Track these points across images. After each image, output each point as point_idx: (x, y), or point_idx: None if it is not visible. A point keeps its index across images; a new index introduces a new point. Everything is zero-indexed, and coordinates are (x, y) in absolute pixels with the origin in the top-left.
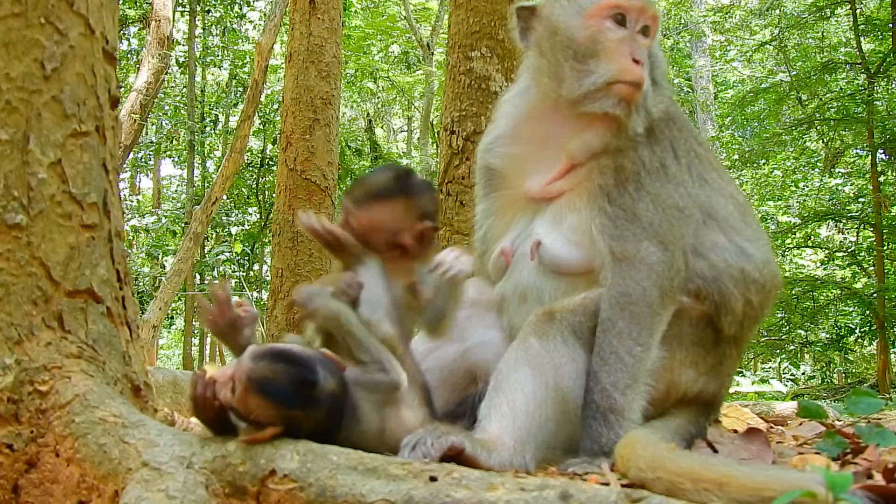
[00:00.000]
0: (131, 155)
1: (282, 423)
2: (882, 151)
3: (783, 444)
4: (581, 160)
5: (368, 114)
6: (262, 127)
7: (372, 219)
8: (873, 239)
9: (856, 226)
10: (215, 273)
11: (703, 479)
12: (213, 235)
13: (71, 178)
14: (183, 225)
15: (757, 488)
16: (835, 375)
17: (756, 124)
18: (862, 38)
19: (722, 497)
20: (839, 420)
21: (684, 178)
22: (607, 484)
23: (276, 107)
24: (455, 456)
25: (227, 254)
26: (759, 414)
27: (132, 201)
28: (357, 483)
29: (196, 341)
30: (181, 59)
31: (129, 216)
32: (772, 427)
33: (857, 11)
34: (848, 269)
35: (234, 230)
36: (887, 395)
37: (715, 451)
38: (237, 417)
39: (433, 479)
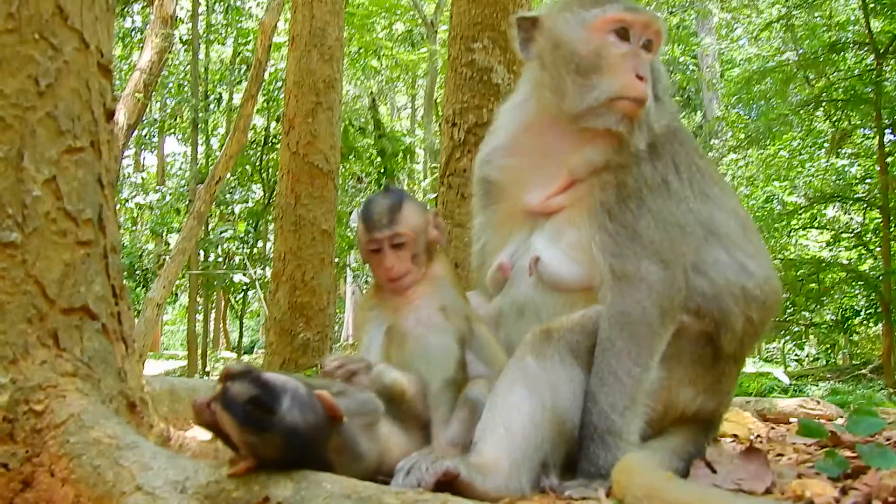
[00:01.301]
0: (135, 132)
1: (245, 447)
2: (889, 132)
3: (783, 456)
4: (582, 176)
5: (372, 91)
6: (265, 105)
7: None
8: (880, 220)
9: (862, 207)
10: (219, 251)
11: None
12: (217, 213)
13: (66, 195)
14: (187, 202)
15: None
16: (840, 357)
17: (762, 104)
18: (871, 17)
19: None
20: (841, 417)
21: (686, 194)
22: None
23: (279, 85)
24: (450, 481)
25: (231, 232)
26: (761, 411)
27: (136, 178)
28: None
29: (200, 318)
30: (185, 37)
31: (134, 193)
32: (773, 428)
33: None
34: (854, 250)
35: (237, 208)
36: (893, 380)
37: (713, 470)
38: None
39: None
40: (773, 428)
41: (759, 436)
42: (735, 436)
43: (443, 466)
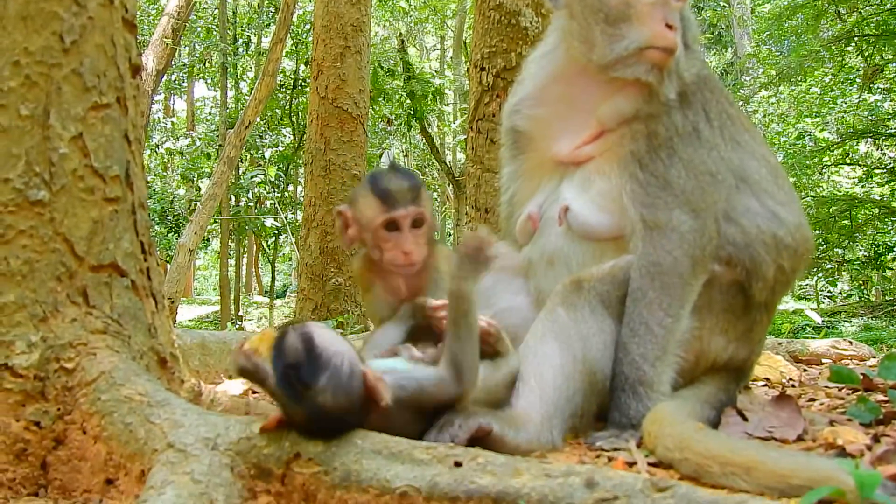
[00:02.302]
0: (164, 78)
1: (276, 403)
2: None
3: (815, 401)
4: (611, 126)
5: (401, 33)
6: (294, 48)
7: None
8: None
9: (895, 142)
10: (250, 195)
11: (730, 462)
12: (248, 158)
13: (93, 152)
14: (217, 147)
15: (784, 475)
16: (872, 293)
17: (794, 39)
18: None
19: (749, 482)
20: (874, 357)
21: (717, 142)
22: (634, 463)
23: (308, 27)
24: (483, 437)
25: (262, 176)
26: (793, 353)
27: (166, 124)
28: (382, 468)
29: (232, 263)
30: None
31: (164, 139)
32: (805, 370)
33: None
34: (886, 186)
35: (267, 153)
36: None
37: (745, 419)
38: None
39: (458, 464)
40: (805, 370)
41: (791, 379)
42: (767, 380)
43: (476, 423)
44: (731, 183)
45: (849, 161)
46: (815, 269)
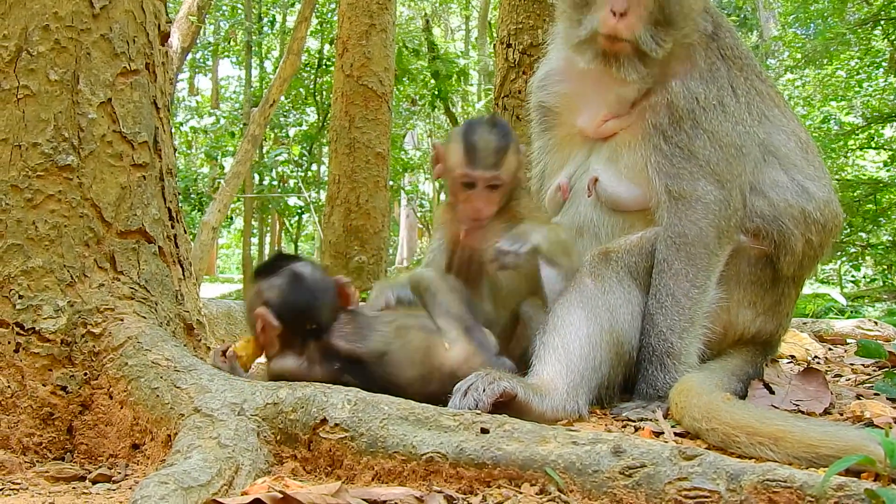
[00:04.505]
0: (189, 56)
1: None
2: None
3: (841, 377)
4: (626, 103)
5: (426, 13)
6: (319, 27)
7: None
8: None
9: None
10: (273, 174)
11: (758, 432)
12: (272, 136)
13: (121, 118)
14: (241, 126)
15: (813, 445)
16: None
17: (820, 22)
18: None
19: (777, 452)
20: None
21: (743, 116)
22: (661, 433)
23: (333, 6)
24: (508, 402)
25: (285, 155)
26: (818, 332)
27: (191, 102)
28: (408, 434)
29: (255, 241)
30: None
31: (188, 117)
32: (830, 349)
33: None
34: None
35: (291, 131)
36: None
37: (772, 391)
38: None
39: (485, 430)
40: (830, 349)
41: (816, 356)
42: (792, 356)
43: (500, 387)
44: (757, 156)
45: (874, 145)
46: (838, 253)
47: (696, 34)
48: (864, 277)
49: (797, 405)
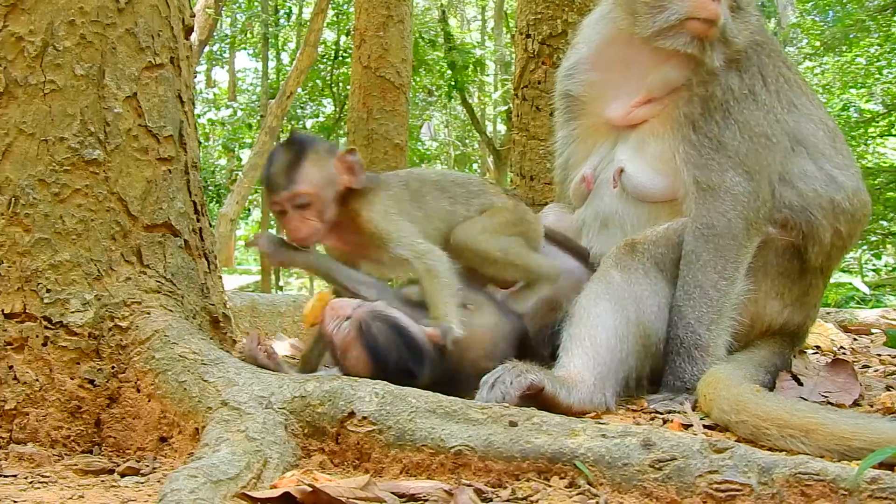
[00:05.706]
0: (206, 48)
1: (351, 370)
2: None
3: (869, 367)
4: (660, 93)
5: (442, 3)
6: (335, 19)
7: None
8: None
9: None
10: None
11: (789, 424)
12: (289, 128)
13: (147, 112)
14: (258, 118)
15: (845, 437)
16: None
17: (839, 9)
18: None
19: (808, 444)
20: None
21: (773, 105)
22: (690, 426)
23: None
24: (535, 394)
25: None
26: (842, 322)
27: (208, 94)
28: (436, 427)
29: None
30: None
31: (206, 109)
32: (855, 339)
33: None
34: None
35: (309, 123)
36: None
37: (800, 383)
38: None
39: (513, 423)
40: (855, 339)
41: (842, 347)
42: (818, 347)
43: (527, 380)
44: (786, 146)
45: (894, 132)
46: (859, 242)
47: (754, 25)
48: (885, 266)
49: (826, 396)
